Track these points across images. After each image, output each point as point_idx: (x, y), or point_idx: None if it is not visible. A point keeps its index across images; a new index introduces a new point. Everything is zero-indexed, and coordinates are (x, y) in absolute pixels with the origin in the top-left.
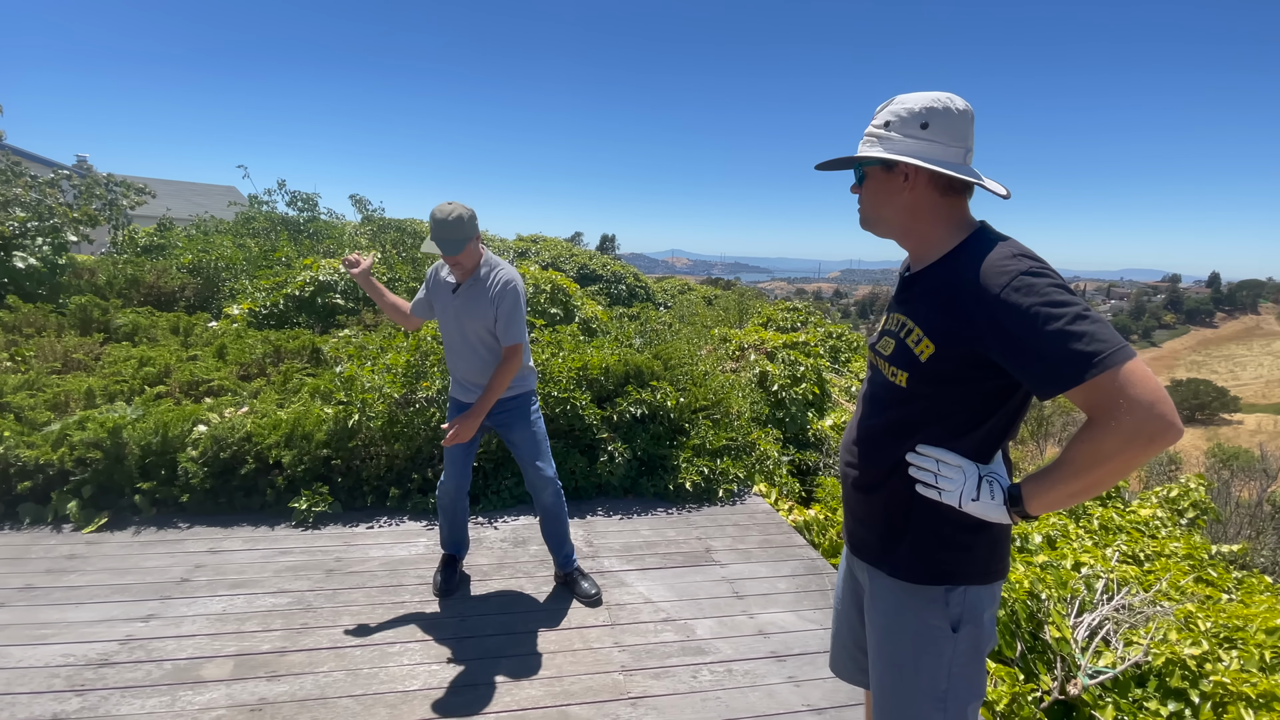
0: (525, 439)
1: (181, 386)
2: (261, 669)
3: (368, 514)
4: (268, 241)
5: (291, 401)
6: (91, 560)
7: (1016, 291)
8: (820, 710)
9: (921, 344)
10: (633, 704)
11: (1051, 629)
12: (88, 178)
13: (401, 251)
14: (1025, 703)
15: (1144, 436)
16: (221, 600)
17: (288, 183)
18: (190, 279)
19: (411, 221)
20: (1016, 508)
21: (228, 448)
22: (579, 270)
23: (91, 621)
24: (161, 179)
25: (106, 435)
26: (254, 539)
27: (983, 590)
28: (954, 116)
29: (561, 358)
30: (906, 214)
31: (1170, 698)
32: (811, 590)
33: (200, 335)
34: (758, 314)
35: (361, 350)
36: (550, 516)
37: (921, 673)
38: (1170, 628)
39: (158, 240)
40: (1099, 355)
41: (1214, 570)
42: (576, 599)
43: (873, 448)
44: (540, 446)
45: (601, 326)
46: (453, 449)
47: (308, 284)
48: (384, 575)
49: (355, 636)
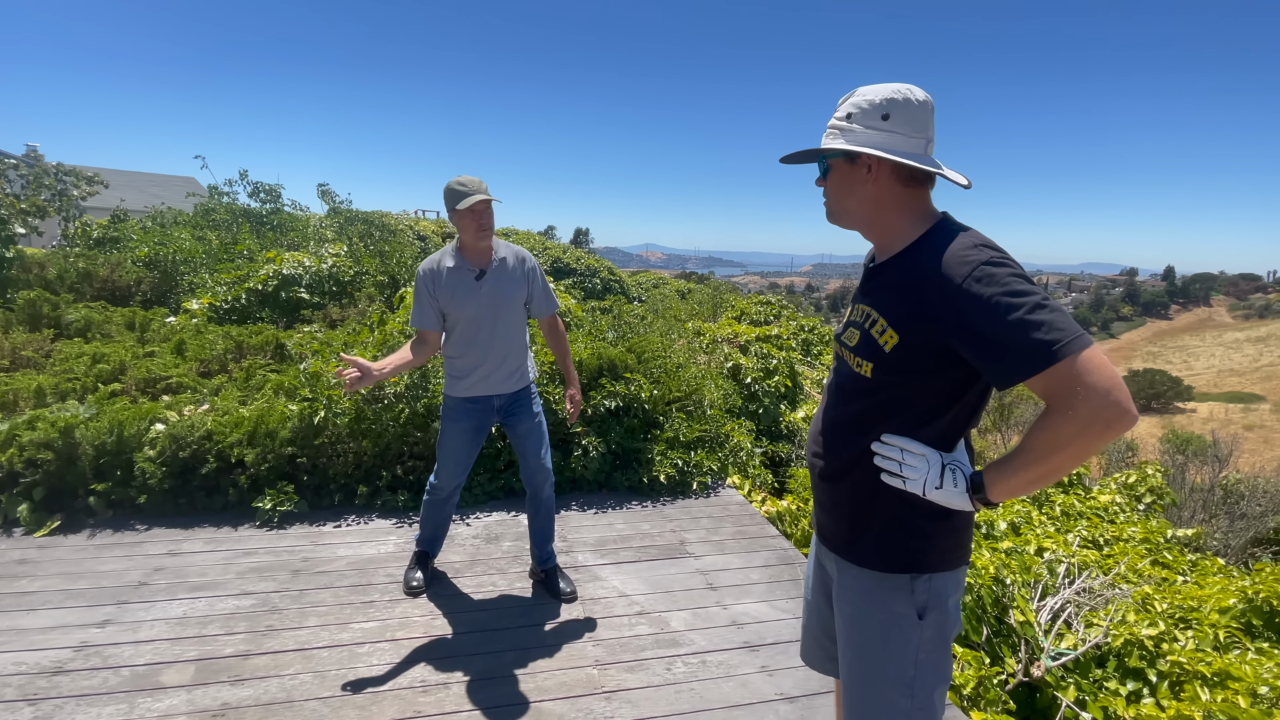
0: (533, 430)
1: (138, 384)
2: (224, 673)
3: (335, 513)
4: (228, 234)
5: (255, 398)
6: (44, 565)
7: (978, 282)
8: (793, 699)
9: (885, 334)
10: (607, 698)
11: (1016, 613)
12: (36, 167)
13: (369, 245)
14: (991, 685)
15: (1100, 423)
16: (182, 604)
17: (250, 173)
18: (146, 273)
19: (379, 214)
20: (979, 495)
21: (187, 447)
22: (552, 264)
23: (44, 628)
24: (116, 169)
25: (58, 435)
26: (216, 540)
27: (947, 577)
28: (914, 107)
29: (534, 351)
30: (870, 205)
31: (1129, 677)
32: (784, 580)
33: (158, 331)
34: (731, 307)
35: (327, 346)
36: (546, 510)
37: (889, 660)
38: (1128, 609)
39: (112, 233)
40: (1057, 344)
41: (1169, 554)
42: (552, 596)
43: (838, 438)
44: (545, 438)
45: (575, 320)
46: (460, 447)
47: (271, 278)
48: (353, 575)
49: (323, 637)
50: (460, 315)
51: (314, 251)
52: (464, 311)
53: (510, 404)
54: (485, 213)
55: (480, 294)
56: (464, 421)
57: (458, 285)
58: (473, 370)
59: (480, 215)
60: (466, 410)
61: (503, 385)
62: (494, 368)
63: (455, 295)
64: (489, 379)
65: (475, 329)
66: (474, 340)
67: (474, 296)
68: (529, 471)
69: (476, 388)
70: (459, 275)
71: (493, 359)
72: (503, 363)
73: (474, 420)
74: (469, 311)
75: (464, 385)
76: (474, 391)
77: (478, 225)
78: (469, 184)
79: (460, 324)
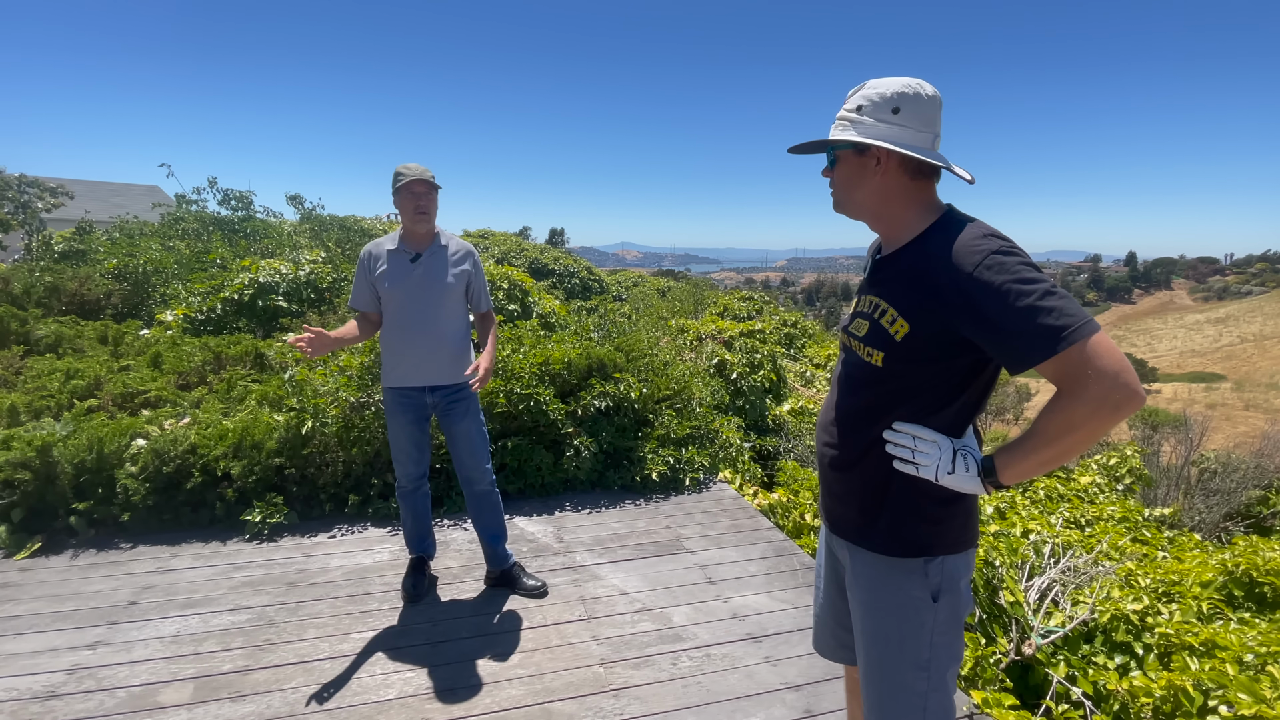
0: (473, 430)
1: (115, 399)
2: (225, 690)
3: (326, 523)
4: (199, 243)
5: (238, 410)
6: (27, 588)
7: (989, 270)
8: (798, 688)
9: (896, 324)
10: (615, 695)
11: (1006, 593)
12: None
13: (346, 249)
14: (988, 665)
15: (1110, 404)
16: (175, 621)
17: (219, 180)
18: (116, 285)
19: (353, 218)
20: (990, 478)
21: (171, 461)
22: (530, 265)
23: (33, 652)
24: (75, 179)
25: (35, 454)
26: (205, 555)
27: (959, 559)
28: (924, 102)
29: (523, 353)
30: (877, 197)
31: (1116, 651)
32: (781, 571)
33: (131, 344)
34: (714, 304)
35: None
36: (492, 506)
37: (905, 642)
38: (1113, 585)
39: (77, 245)
40: (1068, 329)
41: (1148, 531)
42: (522, 595)
43: (849, 427)
44: (485, 439)
45: (560, 321)
46: (406, 438)
47: (247, 286)
48: (348, 584)
49: (323, 649)
50: (392, 296)
51: (291, 258)
52: (395, 293)
53: (445, 401)
54: (424, 195)
55: (412, 277)
56: (400, 415)
57: (393, 267)
58: (403, 356)
59: (418, 197)
60: (400, 404)
61: (435, 375)
62: (425, 356)
63: (389, 276)
64: (419, 368)
65: (404, 314)
66: (405, 325)
67: (406, 279)
68: (463, 469)
69: (408, 377)
70: (396, 258)
71: (423, 345)
72: (436, 351)
73: (409, 414)
74: (400, 294)
75: (397, 374)
76: (406, 381)
77: (414, 207)
78: (410, 169)
79: (392, 306)
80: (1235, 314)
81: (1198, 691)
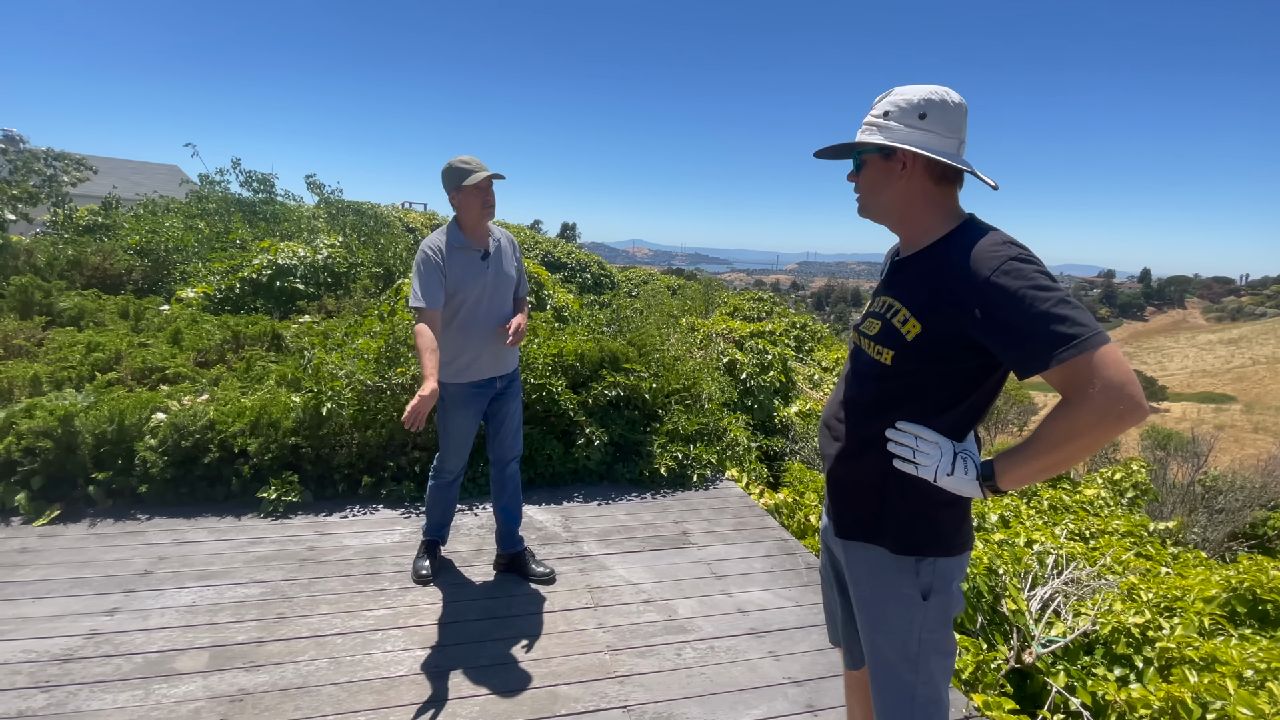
0: (520, 410)
1: (134, 373)
2: (239, 660)
3: (339, 503)
4: (220, 223)
5: (256, 389)
6: (45, 554)
7: (1006, 274)
8: (800, 682)
9: (909, 324)
10: (620, 682)
11: (1009, 601)
12: (25, 152)
13: (362, 236)
14: (989, 670)
15: (1114, 414)
16: (190, 592)
17: (242, 162)
18: (138, 261)
19: (369, 205)
20: (988, 482)
21: (189, 436)
22: (544, 258)
23: (51, 616)
24: (97, 155)
25: (57, 424)
26: (220, 529)
27: (952, 561)
28: (950, 109)
29: (537, 344)
30: (902, 200)
31: (1116, 663)
32: (786, 569)
33: (152, 320)
34: (724, 304)
35: (326, 337)
36: (516, 485)
37: (894, 636)
38: (1115, 599)
39: (101, 220)
40: (1079, 338)
41: (1152, 546)
42: (531, 581)
43: (852, 423)
44: (521, 418)
45: (573, 314)
46: (468, 431)
47: (265, 267)
48: (360, 564)
49: (335, 624)
50: (466, 296)
51: (309, 242)
52: (470, 292)
53: (507, 385)
54: (490, 190)
55: (486, 275)
56: (469, 407)
57: (467, 266)
58: (481, 351)
59: (485, 192)
60: (470, 396)
61: (502, 365)
62: (499, 348)
63: (465, 276)
64: (496, 360)
65: (476, 310)
66: (481, 321)
67: (480, 277)
68: (501, 447)
69: (485, 370)
70: (466, 256)
71: (498, 339)
72: (503, 341)
73: (478, 404)
74: (474, 292)
75: (474, 369)
76: (479, 375)
77: (483, 202)
78: (472, 163)
79: (465, 305)
80: (1249, 335)
81: (1196, 704)
